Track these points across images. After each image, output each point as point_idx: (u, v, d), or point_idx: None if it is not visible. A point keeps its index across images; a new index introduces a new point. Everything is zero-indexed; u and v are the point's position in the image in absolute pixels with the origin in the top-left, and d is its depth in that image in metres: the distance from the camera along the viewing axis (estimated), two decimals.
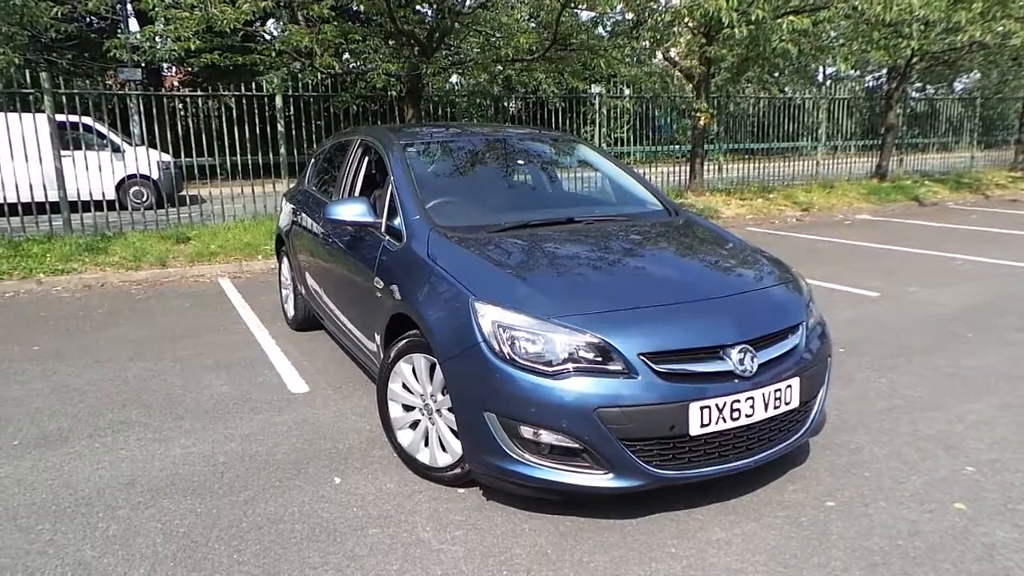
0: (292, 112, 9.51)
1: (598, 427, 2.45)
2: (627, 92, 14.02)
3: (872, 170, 14.54)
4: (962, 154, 16.75)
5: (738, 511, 2.81)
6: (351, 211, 3.57)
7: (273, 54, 7.86)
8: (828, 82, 24.51)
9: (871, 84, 23.17)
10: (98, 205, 9.51)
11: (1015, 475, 3.05)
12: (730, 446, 2.62)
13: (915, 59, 12.85)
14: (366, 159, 4.30)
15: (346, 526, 2.75)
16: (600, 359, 2.51)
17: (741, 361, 2.58)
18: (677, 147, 14.42)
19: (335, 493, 3.00)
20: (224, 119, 9.05)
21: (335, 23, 8.18)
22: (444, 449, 2.98)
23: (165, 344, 5.18)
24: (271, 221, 9.04)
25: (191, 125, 9.29)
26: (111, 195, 10.52)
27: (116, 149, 10.58)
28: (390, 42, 8.38)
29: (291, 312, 5.40)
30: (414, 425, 3.13)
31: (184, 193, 10.85)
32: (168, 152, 10.61)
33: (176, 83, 19.83)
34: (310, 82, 9.54)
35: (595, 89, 14.65)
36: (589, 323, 2.57)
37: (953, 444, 3.36)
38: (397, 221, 3.50)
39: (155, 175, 10.96)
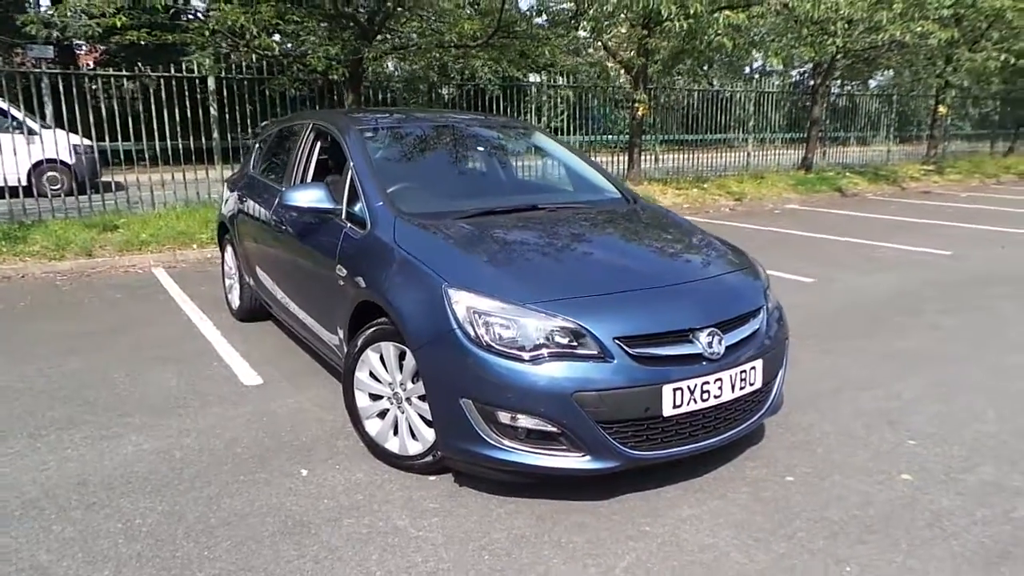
0: (225, 95, 9.15)
1: (576, 411, 2.49)
2: (561, 81, 14.12)
3: (798, 162, 15.15)
4: (878, 148, 17.66)
5: (704, 489, 2.91)
6: (308, 197, 3.47)
7: (207, 33, 7.52)
8: (757, 76, 25.35)
9: (795, 79, 24.08)
10: (8, 191, 8.90)
11: (952, 447, 3.27)
12: (699, 426, 2.70)
13: (839, 56, 13.43)
14: (318, 144, 4.19)
15: (319, 518, 2.70)
16: (576, 344, 2.55)
17: (710, 344, 2.66)
18: (614, 137, 14.64)
19: (303, 485, 2.94)
20: (151, 101, 8.61)
21: (272, 2, 7.91)
22: (415, 437, 2.96)
23: (101, 338, 4.93)
24: (206, 209, 8.71)
25: (115, 108, 8.80)
26: (23, 181, 9.84)
27: (29, 132, 9.91)
28: (328, 24, 8.15)
29: (236, 302, 5.23)
30: (382, 414, 3.09)
31: (102, 179, 10.27)
32: (85, 136, 10.01)
33: (91, 63, 18.72)
34: (243, 63, 9.20)
35: (533, 78, 14.69)
36: (564, 308, 2.60)
37: (894, 420, 3.56)
38: (358, 207, 3.43)
39: (71, 160, 10.34)
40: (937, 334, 4.97)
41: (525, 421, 2.55)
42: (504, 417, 2.56)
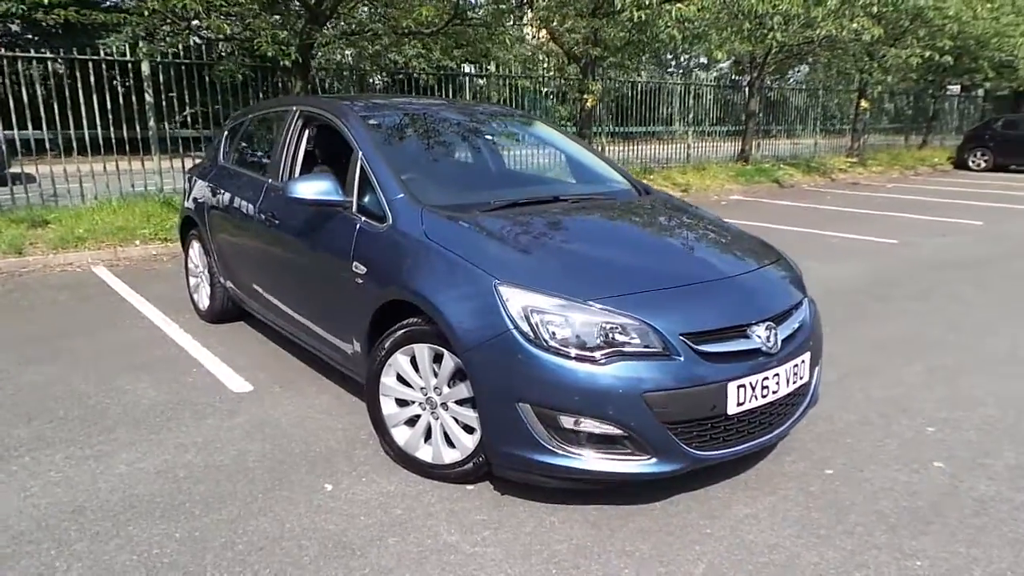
0: (162, 80, 8.54)
1: (645, 412, 2.38)
2: (492, 70, 13.91)
3: (732, 154, 15.54)
4: (806, 140, 18.34)
5: (751, 486, 2.86)
6: (315, 189, 3.20)
7: (145, 13, 6.94)
8: (683, 71, 25.92)
9: (721, 73, 24.71)
10: None
11: (968, 432, 3.35)
12: (757, 423, 2.64)
13: (774, 51, 13.82)
14: (307, 132, 3.91)
15: (360, 537, 2.48)
16: (641, 341, 2.43)
17: (768, 338, 2.60)
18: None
19: (332, 501, 2.71)
20: (77, 86, 7.91)
21: None
22: (451, 445, 2.78)
23: (55, 343, 4.46)
24: (145, 202, 8.12)
25: (38, 92, 8.03)
26: None
27: None
28: (274, 7, 7.70)
29: (205, 303, 4.84)
30: (411, 421, 2.89)
31: (12, 171, 9.36)
32: None
33: None
34: (178, 47, 8.60)
35: (467, 68, 14.41)
36: (624, 304, 2.48)
37: (906, 407, 3.62)
38: (368, 199, 3.20)
39: None
40: (913, 320, 5.14)
41: (588, 425, 2.42)
42: (567, 421, 2.42)
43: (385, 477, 2.89)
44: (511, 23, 10.93)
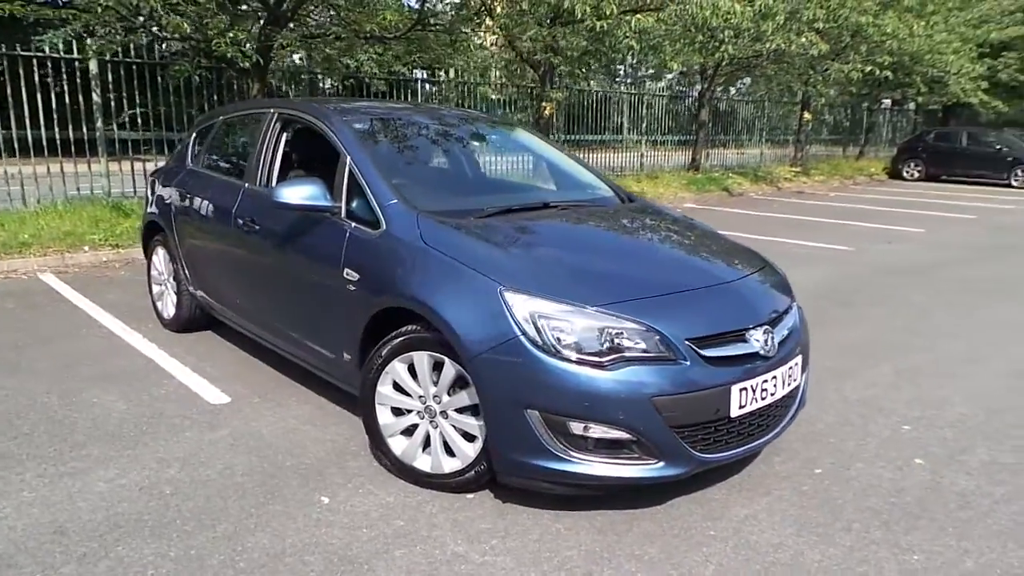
0: (111, 80, 8.22)
1: (654, 417, 2.39)
2: (444, 76, 13.88)
3: (685, 163, 15.89)
4: (752, 151, 18.88)
5: (746, 487, 2.91)
6: (302, 193, 3.12)
7: (99, 9, 6.66)
8: (630, 81, 26.31)
9: (670, 83, 25.21)
10: None
11: (942, 430, 3.48)
12: (756, 425, 2.69)
13: (724, 63, 14.19)
14: (285, 135, 3.81)
15: (365, 551, 2.42)
16: (648, 346, 2.44)
17: (766, 342, 2.65)
18: None
19: (330, 514, 2.64)
20: (20, 85, 7.52)
21: None
22: (451, 454, 2.74)
23: (8, 354, 4.23)
24: (92, 205, 7.79)
25: None
26: None
27: None
28: (241, 7, 7.52)
29: (171, 311, 4.66)
30: (408, 431, 2.84)
31: None
32: None
33: None
34: (132, 47, 8.30)
35: (419, 74, 14.35)
36: (629, 309, 2.49)
37: (881, 407, 3.75)
38: (358, 205, 3.14)
39: None
40: (875, 324, 5.33)
41: (596, 430, 2.42)
42: (576, 427, 2.41)
43: (382, 488, 2.83)
44: (471, 30, 10.90)
